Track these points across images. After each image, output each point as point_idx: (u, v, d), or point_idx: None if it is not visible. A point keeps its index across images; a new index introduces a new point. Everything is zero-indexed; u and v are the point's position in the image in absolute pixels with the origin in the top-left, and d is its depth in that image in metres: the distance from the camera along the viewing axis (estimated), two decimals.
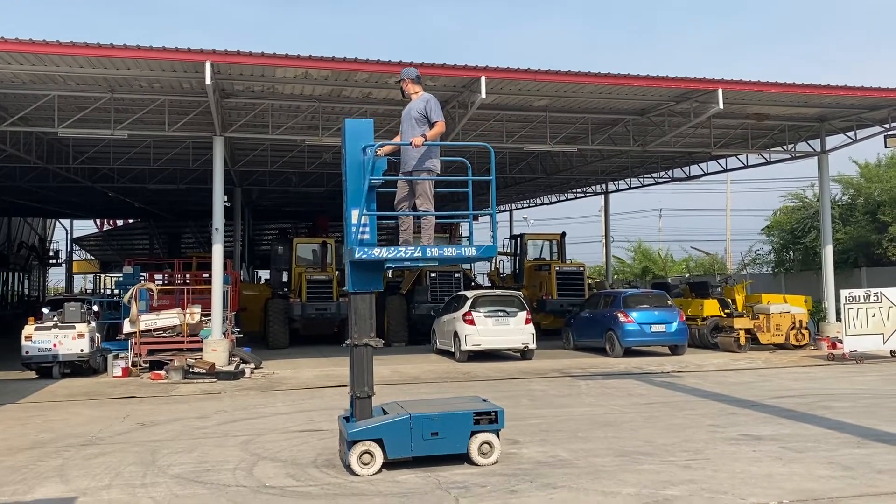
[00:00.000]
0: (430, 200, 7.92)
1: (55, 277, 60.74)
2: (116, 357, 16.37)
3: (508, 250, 29.29)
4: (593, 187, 32.94)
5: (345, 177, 7.73)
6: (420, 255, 7.69)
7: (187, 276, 23.85)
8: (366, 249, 7.49)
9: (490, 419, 7.80)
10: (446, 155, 8.70)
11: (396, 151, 8.06)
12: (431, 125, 7.88)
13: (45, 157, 21.08)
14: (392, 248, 7.67)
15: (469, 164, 8.34)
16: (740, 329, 19.42)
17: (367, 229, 7.64)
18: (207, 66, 14.00)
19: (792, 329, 19.63)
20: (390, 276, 24.57)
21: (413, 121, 7.96)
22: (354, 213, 7.56)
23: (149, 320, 16.94)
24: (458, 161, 8.81)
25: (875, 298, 17.00)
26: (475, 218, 36.23)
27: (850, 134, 20.60)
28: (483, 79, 15.29)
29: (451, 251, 8.30)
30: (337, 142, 19.01)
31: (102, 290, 46.41)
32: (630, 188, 30.82)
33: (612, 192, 32.32)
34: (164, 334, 16.97)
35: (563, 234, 27.77)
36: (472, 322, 17.98)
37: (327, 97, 17.07)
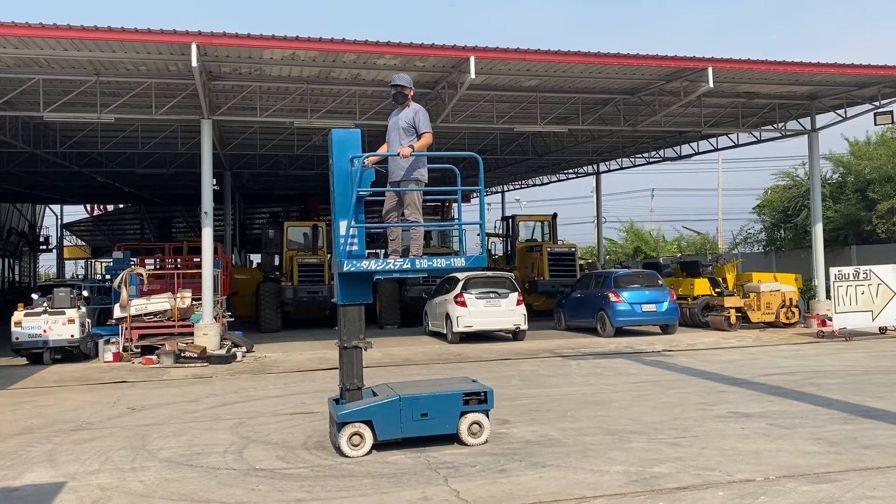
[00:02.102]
0: (419, 210, 7.91)
1: (46, 263, 60.57)
2: (107, 342, 16.35)
3: (500, 232, 29.29)
4: (585, 168, 32.90)
5: (332, 187, 7.66)
6: (409, 266, 7.69)
7: (178, 260, 23.76)
8: (354, 262, 7.43)
9: (479, 399, 7.83)
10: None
11: (384, 161, 8.01)
12: (419, 136, 7.82)
13: (32, 142, 20.89)
14: (381, 261, 7.68)
15: (458, 172, 8.31)
16: (731, 308, 19.52)
17: (356, 241, 7.58)
18: (193, 47, 13.87)
19: (782, 307, 19.75)
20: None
21: (400, 131, 7.90)
22: (342, 225, 7.48)
23: (139, 305, 16.90)
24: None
25: (864, 276, 17.07)
26: (466, 199, 36.26)
27: (841, 112, 20.58)
28: (472, 59, 15.19)
29: (440, 262, 8.26)
30: (326, 124, 18.93)
31: (93, 276, 46.31)
32: (621, 168, 30.80)
33: (604, 172, 32.29)
34: (155, 319, 16.94)
35: (555, 215, 27.79)
36: (463, 304, 18.00)
37: (315, 78, 16.95)
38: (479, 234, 8.01)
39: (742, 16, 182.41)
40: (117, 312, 16.94)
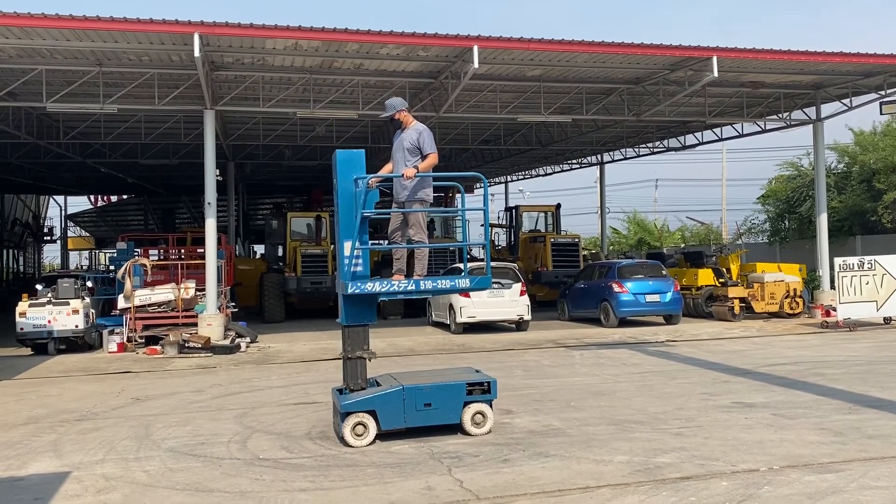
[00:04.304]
0: (424, 230, 7.91)
1: (51, 254, 60.71)
2: (112, 333, 16.38)
3: (503, 222, 29.25)
4: (588, 158, 32.81)
5: (336, 207, 7.65)
6: (414, 288, 7.68)
7: (181, 251, 23.78)
8: (358, 284, 7.41)
9: (483, 390, 7.84)
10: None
11: (388, 181, 7.97)
12: (424, 157, 7.79)
13: (35, 133, 20.89)
14: (385, 282, 7.63)
15: (462, 190, 8.27)
16: (735, 298, 19.49)
17: (360, 261, 7.56)
18: (196, 37, 13.81)
19: (786, 297, 19.71)
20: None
21: (405, 151, 7.88)
22: (347, 246, 7.46)
23: (143, 296, 16.91)
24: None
25: (869, 266, 17.02)
26: (471, 190, 36.15)
27: (846, 101, 20.46)
28: (475, 48, 15.11)
29: (444, 283, 8.23)
30: (329, 114, 18.93)
31: (97, 267, 46.38)
32: (625, 158, 30.71)
33: (608, 162, 32.21)
34: (159, 309, 16.97)
35: (558, 206, 27.72)
36: (467, 294, 17.97)
37: (318, 69, 16.89)
38: (482, 249, 8.00)
39: (747, 5, 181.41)
40: (121, 303, 16.98)
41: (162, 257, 23.48)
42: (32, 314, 15.78)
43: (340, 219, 7.57)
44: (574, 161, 33.59)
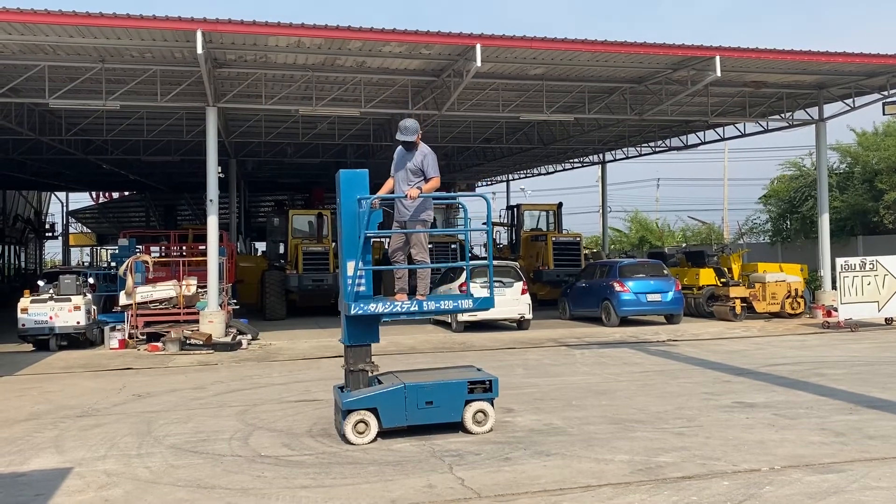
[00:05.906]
0: (425, 250, 7.93)
1: (52, 250, 60.78)
2: (113, 329, 16.40)
3: (505, 221, 29.26)
4: (590, 157, 32.80)
5: (340, 226, 7.66)
6: (417, 308, 7.67)
7: (183, 248, 23.80)
8: (361, 304, 7.40)
9: (484, 388, 7.85)
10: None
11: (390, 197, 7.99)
12: (427, 179, 7.80)
13: (38, 129, 20.91)
14: (388, 303, 7.62)
15: (466, 208, 8.30)
16: (736, 298, 19.48)
17: (363, 281, 7.55)
18: (198, 34, 13.82)
19: (787, 297, 19.70)
20: (386, 246, 24.59)
21: (408, 171, 7.89)
22: (350, 266, 7.45)
23: (145, 292, 16.93)
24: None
25: (871, 266, 17.01)
26: (472, 187, 36.09)
27: (849, 101, 20.43)
28: (478, 46, 15.11)
29: (447, 304, 8.21)
30: (331, 111, 18.93)
31: (99, 263, 46.45)
32: (627, 158, 30.72)
33: (610, 161, 32.20)
34: (161, 306, 16.99)
35: (560, 205, 27.73)
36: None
37: (321, 66, 16.89)
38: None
39: (750, 4, 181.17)
40: (123, 300, 16.99)
41: (163, 254, 23.53)
42: (34, 310, 15.79)
43: (343, 238, 7.57)
44: (576, 160, 33.60)
